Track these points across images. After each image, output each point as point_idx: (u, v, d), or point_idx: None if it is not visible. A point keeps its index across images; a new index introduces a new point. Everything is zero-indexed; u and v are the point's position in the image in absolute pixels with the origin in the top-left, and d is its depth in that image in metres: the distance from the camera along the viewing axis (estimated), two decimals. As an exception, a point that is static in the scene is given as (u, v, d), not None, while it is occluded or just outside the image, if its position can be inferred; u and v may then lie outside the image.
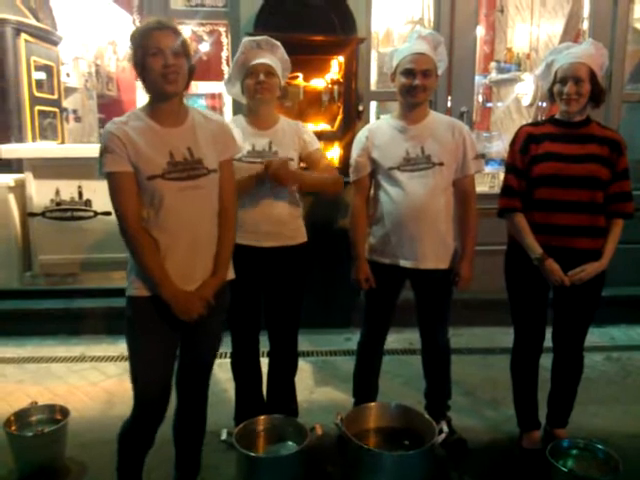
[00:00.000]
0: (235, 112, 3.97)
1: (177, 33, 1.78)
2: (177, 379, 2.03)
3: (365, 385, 2.66)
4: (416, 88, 2.28)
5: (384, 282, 2.45)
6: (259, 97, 2.30)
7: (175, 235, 1.82)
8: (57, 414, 2.44)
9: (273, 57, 2.33)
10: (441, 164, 2.34)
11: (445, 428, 2.18)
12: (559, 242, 2.27)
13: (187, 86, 1.86)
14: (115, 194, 1.78)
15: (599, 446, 2.22)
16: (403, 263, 2.39)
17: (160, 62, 1.73)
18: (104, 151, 1.76)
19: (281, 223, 2.35)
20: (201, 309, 1.84)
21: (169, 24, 1.78)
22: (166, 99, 1.81)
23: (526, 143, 2.32)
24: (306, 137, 2.41)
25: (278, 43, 2.37)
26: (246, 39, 2.36)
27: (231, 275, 2.02)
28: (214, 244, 1.91)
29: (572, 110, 2.26)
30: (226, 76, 2.46)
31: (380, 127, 2.47)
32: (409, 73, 2.28)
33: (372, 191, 2.49)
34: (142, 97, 5.33)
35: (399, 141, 2.37)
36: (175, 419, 2.10)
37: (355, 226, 2.48)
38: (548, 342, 2.48)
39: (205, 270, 1.90)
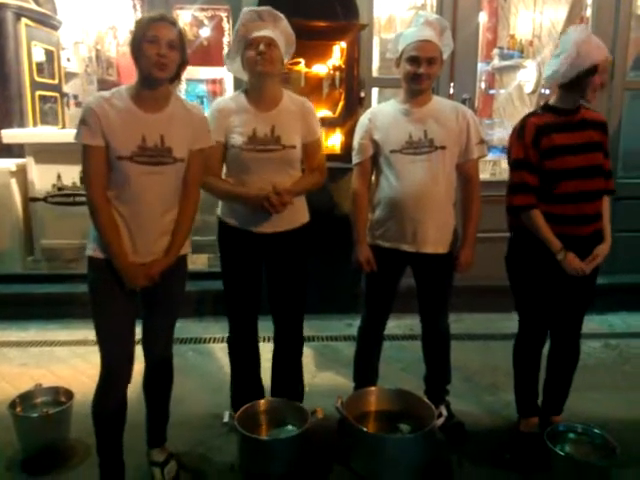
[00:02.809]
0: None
1: (176, 28, 1.92)
2: (142, 340, 2.18)
3: (365, 370, 2.68)
4: (421, 76, 2.27)
5: (385, 266, 2.45)
6: (260, 69, 2.16)
7: (135, 212, 1.95)
8: (61, 396, 2.48)
9: (275, 30, 2.20)
10: (443, 148, 2.33)
11: (444, 412, 2.20)
12: (570, 231, 2.28)
13: (176, 77, 1.98)
14: (86, 165, 1.93)
15: (596, 431, 2.24)
16: (404, 247, 2.39)
17: (155, 50, 1.85)
18: (82, 123, 1.90)
19: None
20: (144, 282, 1.99)
21: (171, 19, 1.92)
22: (153, 84, 1.92)
23: (537, 136, 2.24)
24: (311, 124, 2.32)
25: (281, 15, 2.24)
26: (246, 9, 2.22)
27: (186, 249, 2.15)
28: (171, 225, 2.03)
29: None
30: (225, 50, 2.37)
31: (383, 110, 2.46)
32: (414, 60, 2.27)
33: (374, 175, 2.49)
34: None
35: (402, 123, 2.36)
36: (144, 376, 2.24)
37: (356, 209, 2.47)
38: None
39: (160, 247, 2.03)
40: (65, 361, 3.30)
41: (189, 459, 2.39)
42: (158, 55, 1.85)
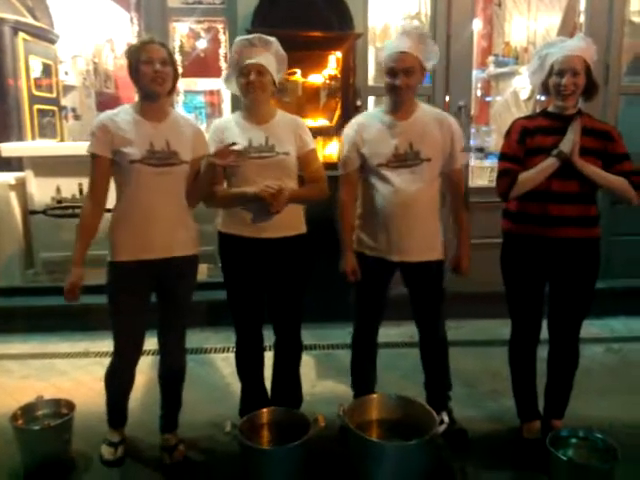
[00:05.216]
0: (233, 108, 4.00)
1: (165, 47, 2.21)
2: (158, 332, 2.41)
3: (362, 377, 2.69)
4: (398, 87, 2.30)
5: (372, 275, 2.47)
6: (251, 96, 2.33)
7: (146, 210, 2.20)
8: (63, 408, 2.47)
9: (267, 54, 2.33)
10: (429, 159, 2.36)
11: (446, 418, 2.20)
12: (553, 233, 2.31)
13: (172, 89, 2.26)
14: (92, 171, 2.22)
15: (598, 435, 2.24)
16: (389, 257, 2.42)
17: (151, 68, 2.14)
18: (92, 134, 2.20)
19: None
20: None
21: (158, 40, 2.21)
22: (154, 99, 2.21)
23: (522, 135, 2.34)
24: (303, 136, 2.40)
25: (272, 39, 2.36)
26: (239, 38, 2.37)
27: (195, 249, 2.37)
28: (175, 222, 2.27)
29: (569, 103, 2.28)
30: (224, 74, 2.49)
31: (369, 121, 2.46)
32: (391, 72, 2.30)
33: (360, 185, 2.50)
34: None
35: (387, 137, 2.38)
36: (159, 367, 2.47)
37: (342, 219, 2.50)
38: (546, 333, 2.50)
39: (176, 239, 2.27)
40: (66, 373, 3.30)
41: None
42: (154, 72, 2.13)
